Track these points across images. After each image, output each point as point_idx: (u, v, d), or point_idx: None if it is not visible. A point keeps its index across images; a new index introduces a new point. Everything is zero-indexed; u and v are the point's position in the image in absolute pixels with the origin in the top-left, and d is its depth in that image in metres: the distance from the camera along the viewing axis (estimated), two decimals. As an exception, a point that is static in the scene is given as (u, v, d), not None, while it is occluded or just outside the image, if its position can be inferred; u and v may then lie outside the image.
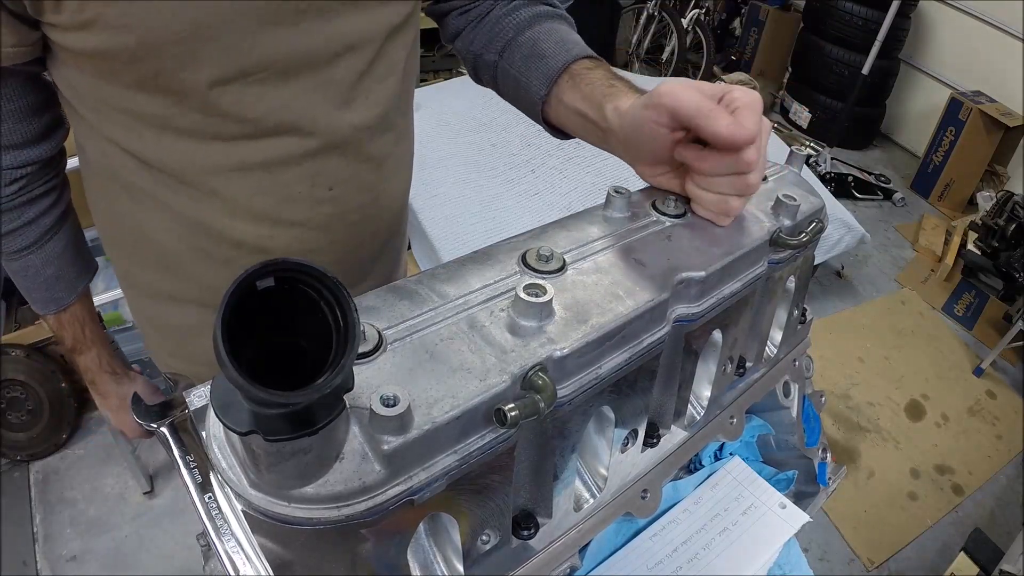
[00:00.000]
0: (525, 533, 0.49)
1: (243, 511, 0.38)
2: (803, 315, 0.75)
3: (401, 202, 0.88)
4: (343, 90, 0.68)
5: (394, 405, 0.35)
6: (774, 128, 3.07)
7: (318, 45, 0.64)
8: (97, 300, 1.81)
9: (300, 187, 0.71)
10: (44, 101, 0.69)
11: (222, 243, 0.73)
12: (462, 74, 3.46)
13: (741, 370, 0.67)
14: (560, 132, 0.74)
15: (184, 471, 0.45)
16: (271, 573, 0.39)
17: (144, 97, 0.62)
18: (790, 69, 4.54)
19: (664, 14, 4.18)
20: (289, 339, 0.32)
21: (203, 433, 0.40)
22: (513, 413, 0.38)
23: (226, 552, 0.40)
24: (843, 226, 2.63)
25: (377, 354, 0.40)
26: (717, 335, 0.58)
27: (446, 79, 3.01)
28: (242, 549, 0.40)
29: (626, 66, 4.32)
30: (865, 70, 3.74)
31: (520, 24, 0.75)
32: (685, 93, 0.52)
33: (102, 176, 0.73)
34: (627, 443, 0.56)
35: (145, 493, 1.99)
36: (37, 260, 0.75)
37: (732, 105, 0.53)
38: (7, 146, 0.68)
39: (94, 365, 0.88)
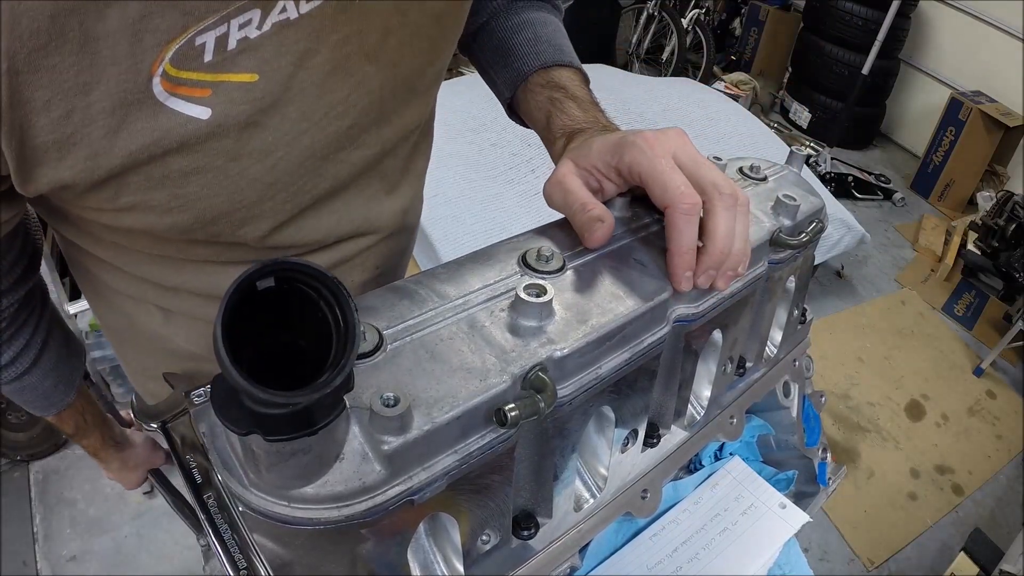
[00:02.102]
0: (525, 533, 0.49)
1: (243, 511, 0.38)
2: (803, 315, 0.75)
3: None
4: (392, 178, 0.67)
5: (394, 405, 0.35)
6: (774, 128, 3.07)
7: (375, 151, 0.61)
8: (80, 306, 1.80)
9: (353, 276, 0.71)
10: (24, 241, 0.63)
11: None
12: (462, 74, 3.46)
13: (741, 370, 0.67)
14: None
15: (184, 471, 0.45)
16: (271, 573, 0.39)
17: (189, 247, 0.57)
18: (790, 69, 4.54)
19: (664, 14, 4.17)
20: (289, 339, 0.32)
21: (203, 433, 0.40)
22: (513, 413, 0.38)
23: (226, 552, 0.40)
24: (843, 226, 2.63)
25: (377, 354, 0.40)
26: (717, 335, 0.58)
27: (446, 79, 3.01)
28: (242, 549, 0.40)
29: (626, 66, 4.32)
30: (865, 70, 3.74)
31: (495, 9, 0.72)
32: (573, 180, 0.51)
33: (115, 296, 0.69)
34: (627, 443, 0.56)
35: (145, 493, 1.99)
36: (35, 378, 0.71)
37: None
38: None
39: (97, 443, 0.87)
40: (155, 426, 0.47)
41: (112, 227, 0.53)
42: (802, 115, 4.33)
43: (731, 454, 0.74)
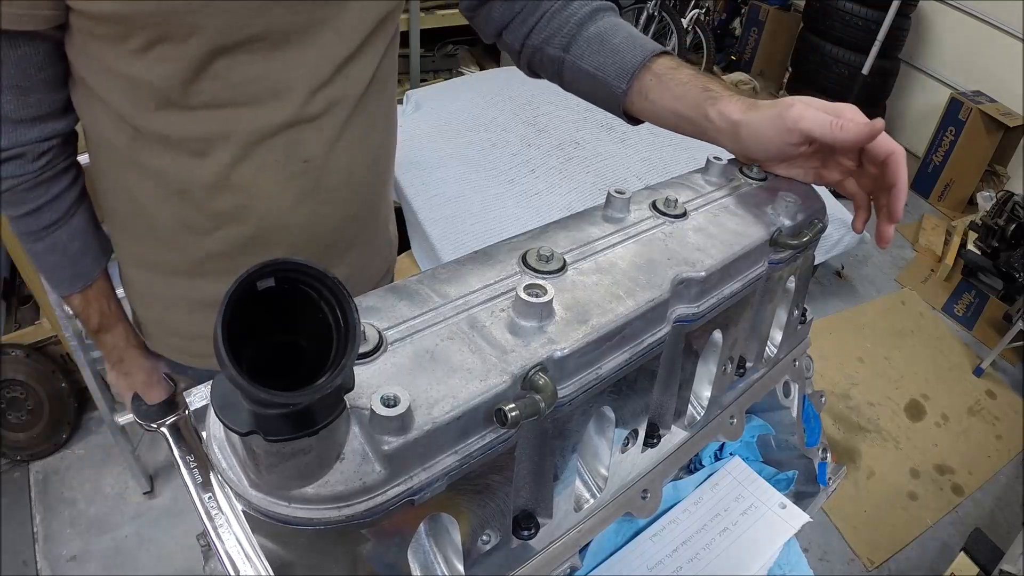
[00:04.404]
0: (525, 533, 0.49)
1: (243, 511, 0.38)
2: (803, 315, 0.75)
3: (376, 193, 0.89)
4: (324, 66, 0.72)
5: (395, 405, 0.35)
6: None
7: (311, 21, 0.68)
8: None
9: (275, 156, 0.74)
10: (65, 73, 0.71)
11: (202, 213, 0.76)
12: (462, 74, 3.46)
13: (741, 370, 0.67)
14: (637, 121, 0.76)
15: (184, 471, 0.45)
16: (271, 573, 0.39)
17: (144, 65, 0.65)
18: (790, 69, 4.54)
19: (664, 14, 4.17)
20: (289, 339, 0.32)
21: (203, 433, 0.40)
22: (514, 413, 0.38)
23: (226, 552, 0.40)
24: (843, 226, 2.63)
25: (377, 354, 0.40)
26: (717, 335, 0.58)
27: (446, 79, 3.01)
28: (242, 549, 0.40)
29: (626, 66, 4.31)
30: (865, 70, 3.73)
31: (582, 19, 0.77)
32: (814, 117, 0.59)
33: (102, 147, 0.76)
34: (627, 443, 0.56)
35: (145, 493, 1.99)
36: (64, 235, 0.77)
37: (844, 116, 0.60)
38: (37, 117, 0.70)
39: (122, 341, 0.88)
40: (155, 427, 0.47)
41: (94, 19, 0.62)
42: (802, 115, 4.31)
43: (731, 454, 0.74)
